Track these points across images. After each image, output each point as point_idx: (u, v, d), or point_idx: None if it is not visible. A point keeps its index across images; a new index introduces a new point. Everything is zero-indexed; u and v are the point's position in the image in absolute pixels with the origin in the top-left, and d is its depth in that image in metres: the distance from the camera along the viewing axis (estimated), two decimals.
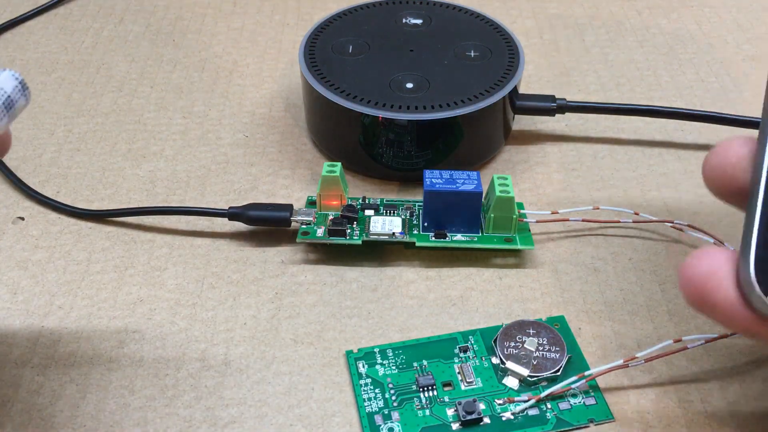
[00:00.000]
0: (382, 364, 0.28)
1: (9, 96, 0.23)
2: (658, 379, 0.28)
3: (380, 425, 0.26)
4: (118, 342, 0.29)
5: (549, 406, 0.27)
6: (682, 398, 0.27)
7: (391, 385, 0.28)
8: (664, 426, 0.27)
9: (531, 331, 0.29)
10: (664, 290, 0.31)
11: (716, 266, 0.21)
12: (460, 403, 0.27)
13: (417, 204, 0.34)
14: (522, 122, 0.40)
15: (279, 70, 0.44)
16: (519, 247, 0.32)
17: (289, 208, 0.33)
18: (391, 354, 0.29)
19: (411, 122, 0.34)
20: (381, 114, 0.34)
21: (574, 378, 0.27)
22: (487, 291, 0.31)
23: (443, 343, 0.29)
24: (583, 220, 0.34)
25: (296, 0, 0.51)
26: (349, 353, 0.29)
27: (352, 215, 0.32)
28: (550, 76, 0.44)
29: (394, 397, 0.27)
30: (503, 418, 0.26)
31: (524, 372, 0.27)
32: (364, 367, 0.28)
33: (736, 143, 0.22)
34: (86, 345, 0.29)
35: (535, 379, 0.27)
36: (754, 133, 0.40)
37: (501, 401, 0.27)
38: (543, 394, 0.27)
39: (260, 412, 0.27)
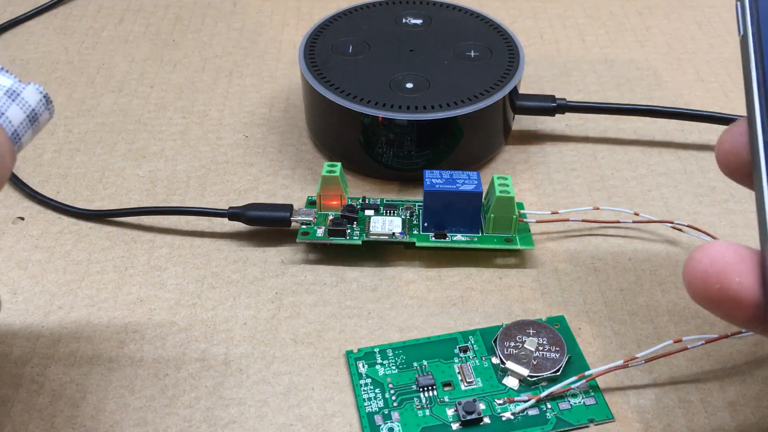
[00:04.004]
0: (382, 364, 0.28)
1: (33, 109, 0.23)
2: (658, 379, 0.28)
3: (380, 425, 0.26)
4: (118, 342, 0.29)
5: (549, 406, 0.27)
6: (682, 398, 0.27)
7: (391, 385, 0.28)
8: (664, 426, 0.27)
9: (531, 331, 0.29)
10: (664, 290, 0.31)
11: (726, 258, 0.20)
12: (460, 403, 0.27)
13: (417, 204, 0.34)
14: (522, 122, 0.40)
15: (279, 70, 0.44)
16: (519, 247, 0.32)
17: (289, 208, 0.33)
18: (391, 354, 0.29)
19: (411, 122, 0.34)
20: (381, 114, 0.34)
21: (574, 378, 0.27)
22: (487, 291, 0.31)
23: (443, 343, 0.29)
24: (583, 220, 0.34)
25: (296, 0, 0.51)
26: (349, 353, 0.29)
27: (352, 215, 0.32)
28: (550, 76, 0.44)
29: (394, 397, 0.27)
30: (503, 418, 0.26)
31: (524, 372, 0.27)
32: (364, 367, 0.28)
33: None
34: (86, 345, 0.29)
35: (535, 379, 0.27)
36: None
37: (501, 401, 0.27)
38: (543, 394, 0.27)
39: (260, 412, 0.27)
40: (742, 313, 0.20)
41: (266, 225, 0.33)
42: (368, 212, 0.33)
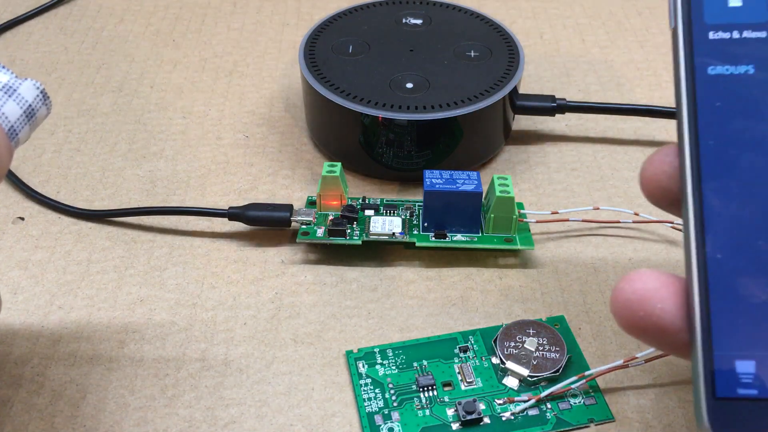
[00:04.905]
0: (382, 364, 0.28)
1: (30, 105, 0.23)
2: (658, 379, 0.28)
3: (380, 425, 0.26)
4: (118, 342, 0.29)
5: (549, 406, 0.27)
6: (682, 398, 0.27)
7: (391, 385, 0.28)
8: (664, 426, 0.27)
9: (531, 331, 0.29)
10: None
11: (648, 285, 0.20)
12: (460, 403, 0.27)
13: (417, 204, 0.34)
14: (522, 122, 0.40)
15: (279, 70, 0.44)
16: (519, 247, 0.32)
17: (289, 208, 0.33)
18: (391, 354, 0.29)
19: (411, 122, 0.34)
20: (381, 114, 0.34)
21: (574, 378, 0.27)
22: (487, 291, 0.31)
23: (443, 343, 0.29)
24: (583, 220, 0.34)
25: (296, 0, 0.51)
26: (349, 353, 0.29)
27: (352, 215, 0.32)
28: (550, 76, 0.44)
29: (394, 397, 0.27)
30: (503, 418, 0.26)
31: (524, 372, 0.27)
32: (364, 367, 0.28)
33: (671, 152, 0.21)
34: (86, 345, 0.29)
35: (535, 379, 0.27)
36: None
37: (501, 401, 0.27)
38: (543, 394, 0.27)
39: (260, 412, 0.27)
40: (668, 340, 0.20)
41: (266, 225, 0.33)
42: (368, 212, 0.33)
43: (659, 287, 0.20)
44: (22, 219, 0.35)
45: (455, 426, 0.26)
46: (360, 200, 0.34)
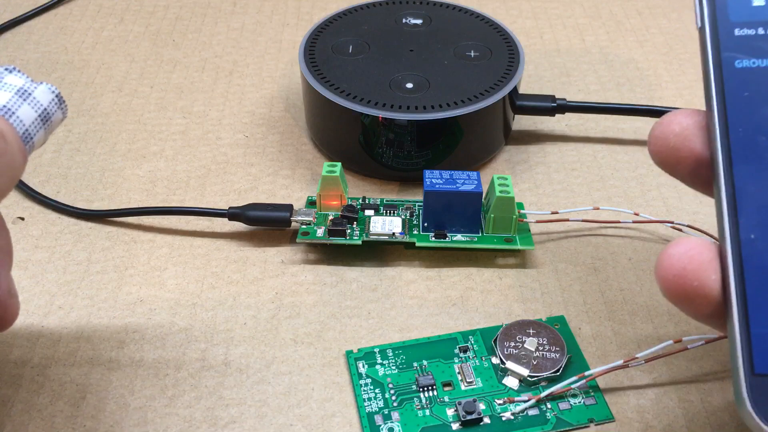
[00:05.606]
0: (382, 364, 0.28)
1: (45, 109, 0.23)
2: (658, 379, 0.28)
3: (380, 425, 0.26)
4: (118, 342, 0.29)
5: (549, 406, 0.27)
6: (682, 398, 0.27)
7: (391, 385, 0.28)
8: (664, 426, 0.27)
9: (531, 331, 0.29)
10: None
11: (703, 255, 0.20)
12: (460, 403, 0.27)
13: (417, 204, 0.34)
14: (522, 122, 0.40)
15: (279, 70, 0.44)
16: (519, 247, 0.32)
17: (289, 208, 0.33)
18: (391, 354, 0.29)
19: (411, 122, 0.34)
20: (381, 114, 0.34)
21: (574, 378, 0.27)
22: (487, 291, 0.31)
23: (443, 343, 0.29)
24: (583, 220, 0.34)
25: (296, 0, 0.51)
26: (349, 353, 0.29)
27: (352, 215, 0.32)
28: (550, 76, 0.44)
29: (394, 397, 0.27)
30: (503, 418, 0.26)
31: (524, 372, 0.27)
32: (364, 367, 0.28)
33: (681, 114, 0.22)
34: (86, 345, 0.29)
35: (535, 379, 0.27)
36: None
37: (501, 401, 0.27)
38: (543, 394, 0.27)
39: (260, 412, 0.27)
40: (710, 309, 0.20)
41: (266, 225, 0.33)
42: (368, 212, 0.33)
43: (713, 258, 0.20)
44: (22, 219, 0.35)
45: (455, 426, 0.26)
46: (360, 200, 0.34)
